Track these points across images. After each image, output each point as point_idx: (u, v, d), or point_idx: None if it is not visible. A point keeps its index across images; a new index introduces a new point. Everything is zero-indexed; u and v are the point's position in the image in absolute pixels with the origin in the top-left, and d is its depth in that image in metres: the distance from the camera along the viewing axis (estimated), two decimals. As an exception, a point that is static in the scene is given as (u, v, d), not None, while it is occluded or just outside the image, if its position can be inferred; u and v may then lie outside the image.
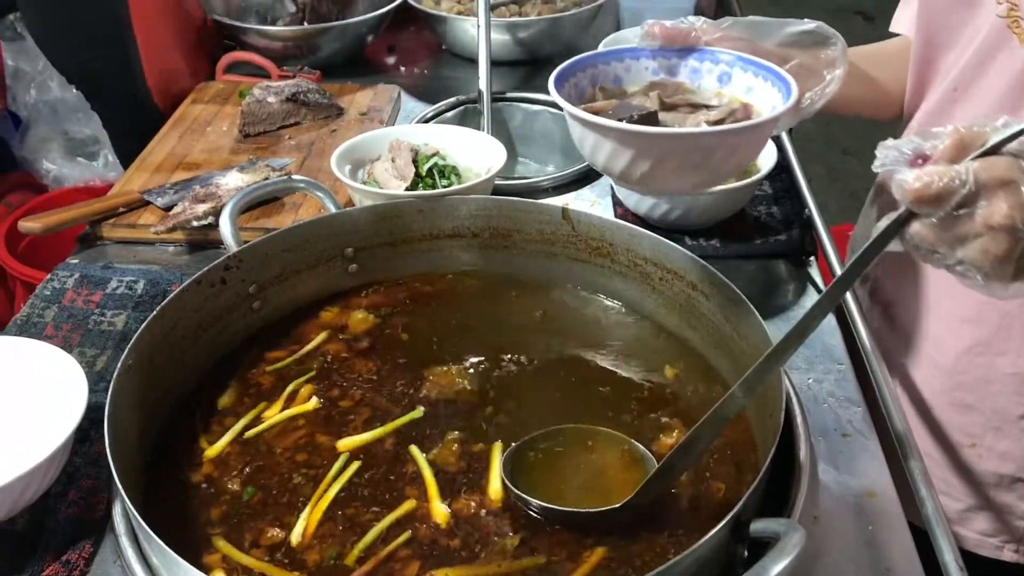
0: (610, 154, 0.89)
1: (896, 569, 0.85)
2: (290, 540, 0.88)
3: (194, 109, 1.70)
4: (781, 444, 0.88)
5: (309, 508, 0.91)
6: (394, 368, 1.10)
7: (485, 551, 0.86)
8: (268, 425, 1.02)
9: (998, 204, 0.65)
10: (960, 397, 1.14)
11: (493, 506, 0.91)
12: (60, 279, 1.26)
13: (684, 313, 1.13)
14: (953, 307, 1.14)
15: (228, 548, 0.88)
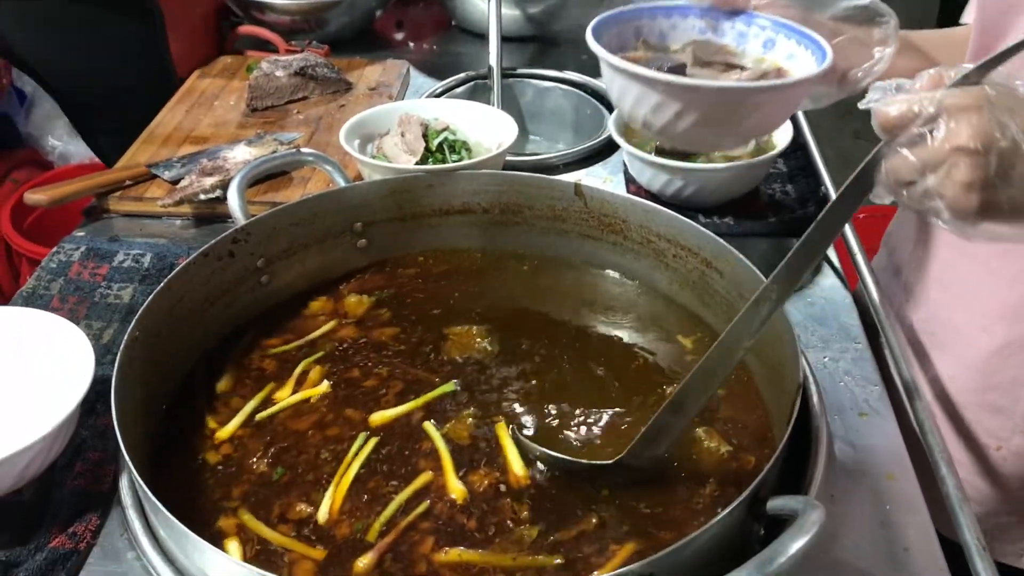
0: (635, 100, 0.92)
1: (914, 549, 0.84)
2: (317, 518, 0.87)
3: (201, 83, 1.68)
4: (797, 422, 0.86)
5: (333, 486, 0.90)
6: (408, 347, 1.09)
7: (500, 537, 0.85)
8: (281, 407, 1.00)
9: (960, 127, 0.65)
10: (992, 399, 1.09)
11: (513, 485, 0.90)
12: (66, 252, 1.25)
13: (697, 290, 1.11)
14: (988, 304, 1.08)
15: (253, 522, 0.87)
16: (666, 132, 0.93)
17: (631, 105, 0.94)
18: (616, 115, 1.37)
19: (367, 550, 0.83)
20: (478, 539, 0.84)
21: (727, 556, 0.80)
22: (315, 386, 1.03)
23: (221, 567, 0.76)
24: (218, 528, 0.87)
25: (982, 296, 1.08)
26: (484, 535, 0.85)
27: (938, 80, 0.68)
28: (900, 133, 0.67)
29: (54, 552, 0.84)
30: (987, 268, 1.06)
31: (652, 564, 0.72)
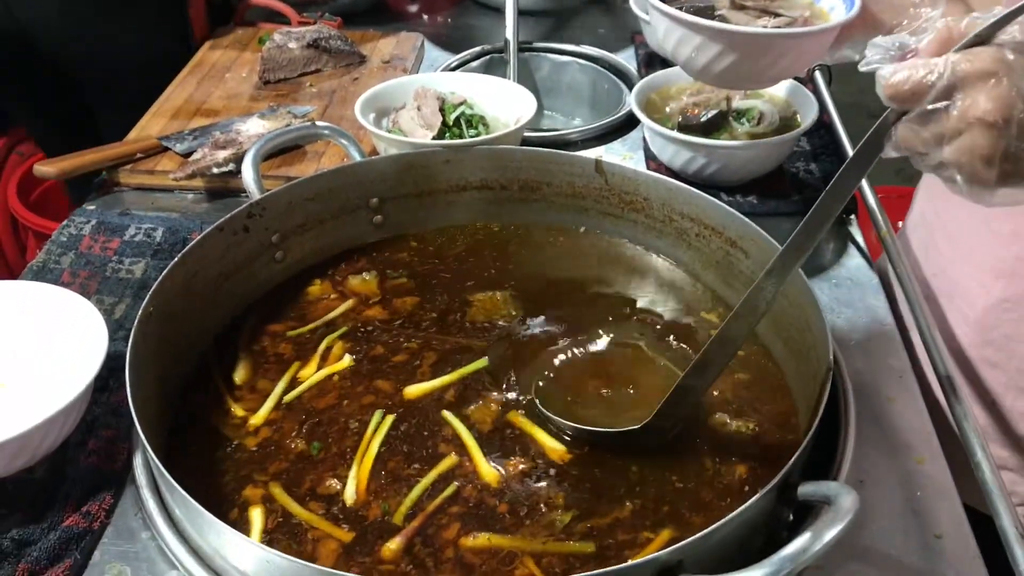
0: (663, 35, 1.01)
1: (947, 536, 0.82)
2: (344, 498, 0.85)
3: (212, 55, 1.65)
4: (825, 407, 0.84)
5: (356, 464, 0.88)
6: (430, 319, 1.07)
7: (531, 520, 0.83)
8: (307, 386, 0.98)
9: (977, 97, 0.60)
10: (987, 354, 1.09)
11: (556, 461, 0.89)
12: (77, 225, 1.23)
13: (721, 270, 1.09)
14: (985, 260, 1.08)
15: (283, 497, 0.86)
16: (705, 71, 0.99)
17: (673, 46, 1.02)
18: (637, 90, 1.34)
19: (394, 533, 0.82)
20: (508, 523, 0.83)
21: (756, 542, 0.79)
22: (338, 361, 1.01)
23: (238, 547, 0.75)
24: (244, 497, 0.86)
25: (981, 252, 1.07)
26: (515, 518, 0.83)
27: (947, 38, 0.63)
28: (912, 106, 0.63)
29: (68, 531, 0.82)
30: (987, 226, 1.05)
31: (681, 550, 0.70)
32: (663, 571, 0.70)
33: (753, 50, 1.08)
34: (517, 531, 0.82)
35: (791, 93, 1.33)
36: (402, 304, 1.10)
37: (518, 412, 0.94)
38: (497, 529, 0.82)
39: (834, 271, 1.16)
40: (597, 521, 0.82)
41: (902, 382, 0.99)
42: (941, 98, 0.62)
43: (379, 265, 1.16)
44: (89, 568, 0.81)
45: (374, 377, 0.99)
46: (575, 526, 0.82)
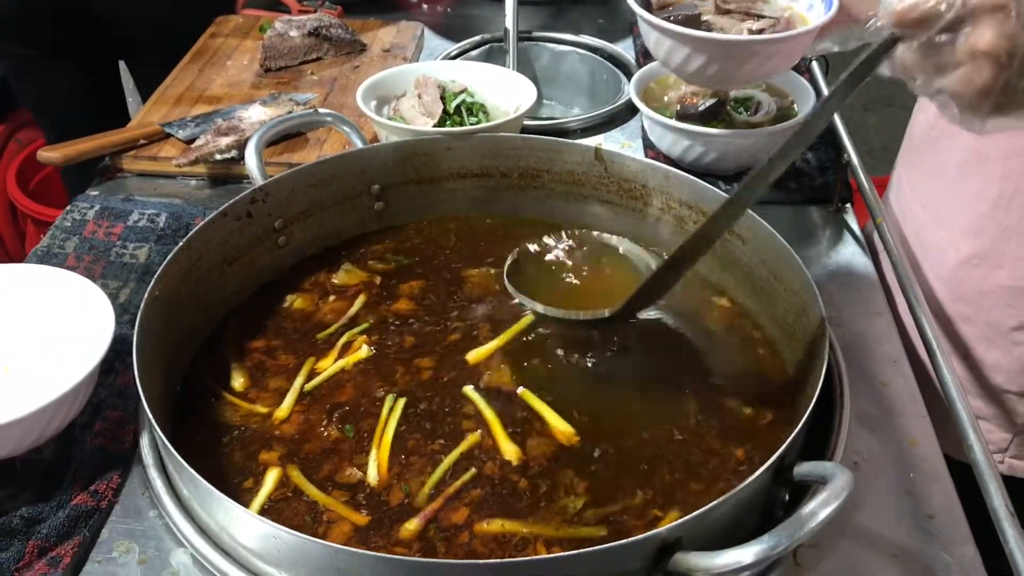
0: (654, 45, 1.15)
1: (939, 516, 0.84)
2: (367, 480, 0.87)
3: (214, 42, 1.66)
4: (820, 390, 0.86)
5: (375, 449, 0.90)
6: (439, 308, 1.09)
7: (547, 503, 0.85)
8: (327, 375, 0.99)
9: (983, 31, 0.61)
10: (958, 309, 1.14)
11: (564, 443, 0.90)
12: (80, 210, 1.24)
13: (719, 257, 1.11)
14: (954, 219, 1.13)
15: (301, 480, 0.87)
16: (696, 75, 1.12)
17: (664, 54, 1.14)
18: (636, 79, 1.35)
19: (413, 515, 0.84)
20: (524, 505, 0.84)
21: (753, 520, 0.81)
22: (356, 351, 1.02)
23: (244, 524, 0.76)
24: (261, 460, 0.88)
25: (951, 214, 1.13)
26: (533, 499, 0.85)
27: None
28: (917, 33, 0.63)
29: (76, 509, 0.84)
30: (953, 188, 1.11)
31: (680, 527, 0.72)
32: (663, 547, 0.72)
33: (738, 55, 1.14)
34: (530, 516, 0.83)
35: (789, 83, 1.35)
36: (409, 289, 1.11)
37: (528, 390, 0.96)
38: (512, 513, 0.83)
39: (830, 258, 1.17)
40: (610, 508, 0.84)
41: (896, 368, 1.01)
42: (948, 29, 0.62)
43: (377, 255, 1.17)
44: (97, 545, 0.83)
45: (396, 361, 1.01)
46: (586, 512, 0.84)
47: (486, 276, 1.13)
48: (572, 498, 0.85)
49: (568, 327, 1.01)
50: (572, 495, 0.85)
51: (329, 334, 1.05)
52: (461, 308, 1.08)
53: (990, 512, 0.75)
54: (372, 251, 1.18)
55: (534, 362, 1.00)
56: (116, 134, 1.34)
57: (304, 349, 1.03)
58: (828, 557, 0.81)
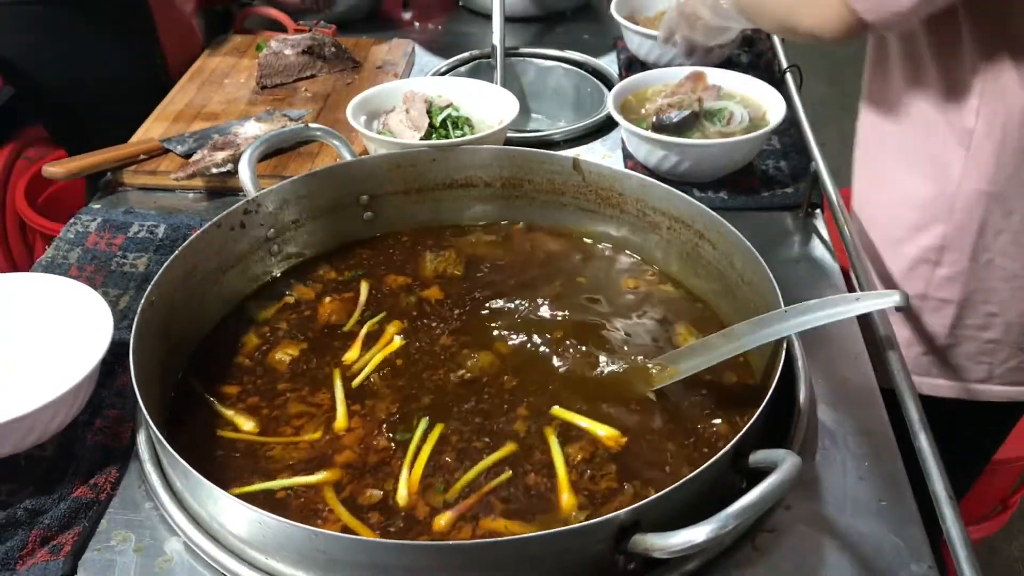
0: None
1: (890, 501, 0.88)
2: (396, 501, 0.90)
3: (211, 61, 1.72)
4: (782, 386, 0.91)
5: (406, 469, 0.92)
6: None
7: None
8: (372, 368, 1.04)
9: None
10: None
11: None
12: (83, 223, 1.29)
13: (691, 261, 1.16)
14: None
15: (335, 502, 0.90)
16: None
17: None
18: (614, 92, 1.41)
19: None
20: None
21: (712, 506, 0.84)
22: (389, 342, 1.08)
23: (233, 512, 0.81)
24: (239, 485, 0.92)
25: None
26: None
27: None
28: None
29: (76, 501, 0.89)
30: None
31: (638, 511, 0.77)
32: (622, 529, 0.76)
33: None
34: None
35: (762, 94, 1.40)
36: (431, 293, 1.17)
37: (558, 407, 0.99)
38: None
39: (798, 262, 1.22)
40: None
41: (856, 362, 1.05)
42: None
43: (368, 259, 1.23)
44: (96, 535, 0.88)
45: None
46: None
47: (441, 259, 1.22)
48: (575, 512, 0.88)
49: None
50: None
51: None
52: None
53: (932, 498, 0.79)
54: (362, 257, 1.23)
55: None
56: (117, 150, 1.40)
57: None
58: (785, 542, 0.86)
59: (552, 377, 1.03)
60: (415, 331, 1.10)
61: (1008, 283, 1.16)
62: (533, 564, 0.77)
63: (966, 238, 1.15)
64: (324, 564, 0.78)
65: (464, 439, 0.95)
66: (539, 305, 1.14)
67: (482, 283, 1.19)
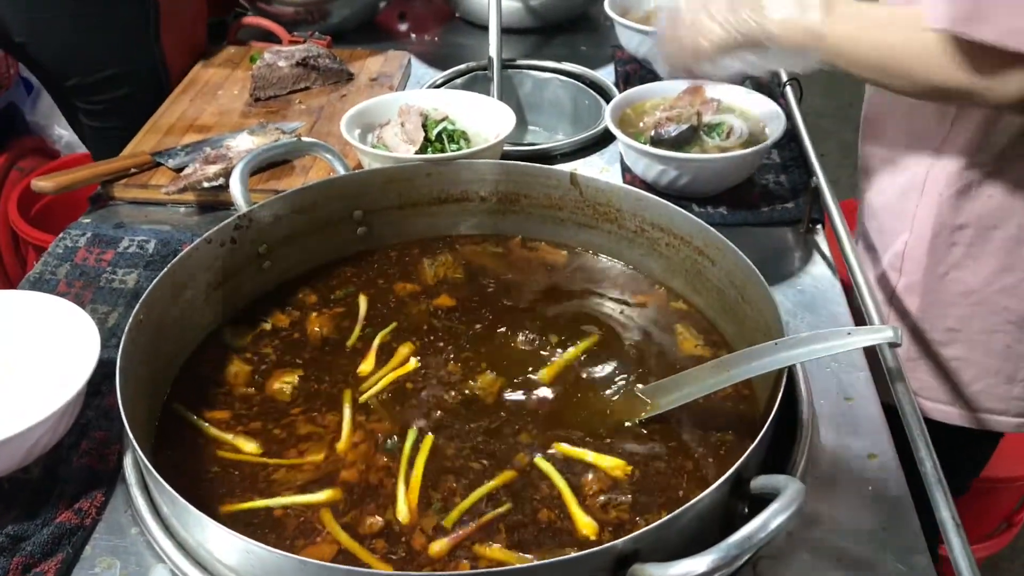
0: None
1: (895, 527, 0.86)
2: (397, 522, 0.88)
3: (205, 73, 1.70)
4: (785, 409, 0.89)
5: (402, 485, 0.91)
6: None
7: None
8: (383, 385, 1.03)
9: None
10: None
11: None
12: (72, 238, 1.27)
13: (690, 278, 1.14)
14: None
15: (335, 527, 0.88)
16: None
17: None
18: (612, 106, 1.39)
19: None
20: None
21: (713, 534, 0.82)
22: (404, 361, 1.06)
23: (221, 540, 0.79)
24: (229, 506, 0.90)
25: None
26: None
27: None
28: None
29: (60, 527, 0.86)
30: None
31: (636, 540, 0.75)
32: (620, 558, 0.74)
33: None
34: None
35: (761, 108, 1.38)
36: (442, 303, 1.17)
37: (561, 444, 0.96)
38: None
39: (799, 278, 1.20)
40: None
41: (859, 383, 1.03)
42: None
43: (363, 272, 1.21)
44: (80, 562, 0.85)
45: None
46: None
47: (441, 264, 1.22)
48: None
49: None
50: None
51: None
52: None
53: (939, 523, 0.77)
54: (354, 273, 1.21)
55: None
56: (108, 163, 1.38)
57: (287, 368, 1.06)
58: (787, 569, 0.84)
59: (547, 404, 1.01)
60: (425, 349, 1.08)
61: (966, 299, 1.14)
62: (529, 594, 0.75)
63: (922, 247, 1.13)
64: (314, 594, 0.76)
65: (463, 457, 0.94)
66: (536, 321, 1.12)
67: (485, 297, 1.17)
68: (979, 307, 1.15)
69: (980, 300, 1.14)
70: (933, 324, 1.17)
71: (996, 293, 1.14)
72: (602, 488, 0.90)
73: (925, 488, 0.81)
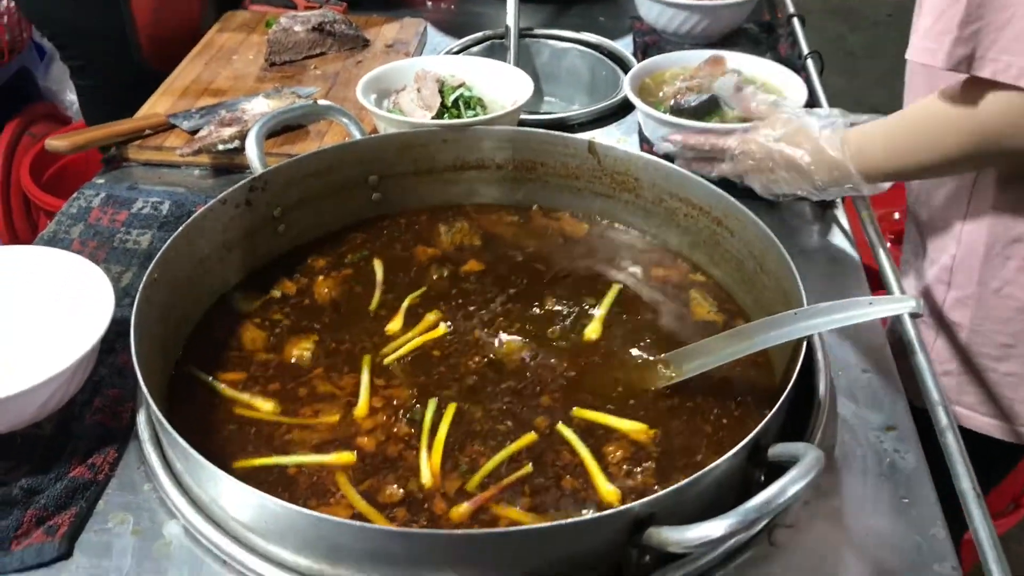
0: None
1: (912, 499, 0.86)
2: (420, 487, 0.88)
3: (220, 37, 1.69)
4: (803, 380, 0.88)
5: (424, 451, 0.90)
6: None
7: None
8: (408, 350, 1.02)
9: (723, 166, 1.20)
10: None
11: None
12: (86, 198, 1.27)
13: (708, 249, 1.13)
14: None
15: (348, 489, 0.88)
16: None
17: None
18: (632, 74, 1.38)
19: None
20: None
21: (731, 499, 0.82)
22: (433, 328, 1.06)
23: (234, 495, 0.79)
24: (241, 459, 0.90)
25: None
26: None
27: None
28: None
29: (74, 481, 0.86)
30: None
31: (652, 504, 0.74)
32: (637, 521, 0.74)
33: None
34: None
35: (783, 79, 1.37)
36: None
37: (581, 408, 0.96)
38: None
39: (819, 251, 1.19)
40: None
41: (877, 354, 1.02)
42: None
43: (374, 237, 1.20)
44: (93, 516, 0.85)
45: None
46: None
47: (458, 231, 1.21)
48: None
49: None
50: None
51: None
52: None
53: (959, 494, 0.77)
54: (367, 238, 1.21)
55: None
56: (123, 124, 1.38)
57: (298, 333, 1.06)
58: (803, 539, 0.83)
59: (569, 369, 1.01)
60: (453, 313, 1.08)
61: (1022, 314, 1.09)
62: (544, 555, 0.75)
63: (973, 261, 1.11)
64: (327, 551, 0.76)
65: (490, 419, 0.93)
66: (555, 290, 1.11)
67: (508, 264, 1.16)
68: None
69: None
70: (986, 339, 1.12)
71: None
72: (625, 456, 0.89)
73: (941, 461, 0.80)
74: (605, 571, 0.77)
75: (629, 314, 1.08)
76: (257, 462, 0.89)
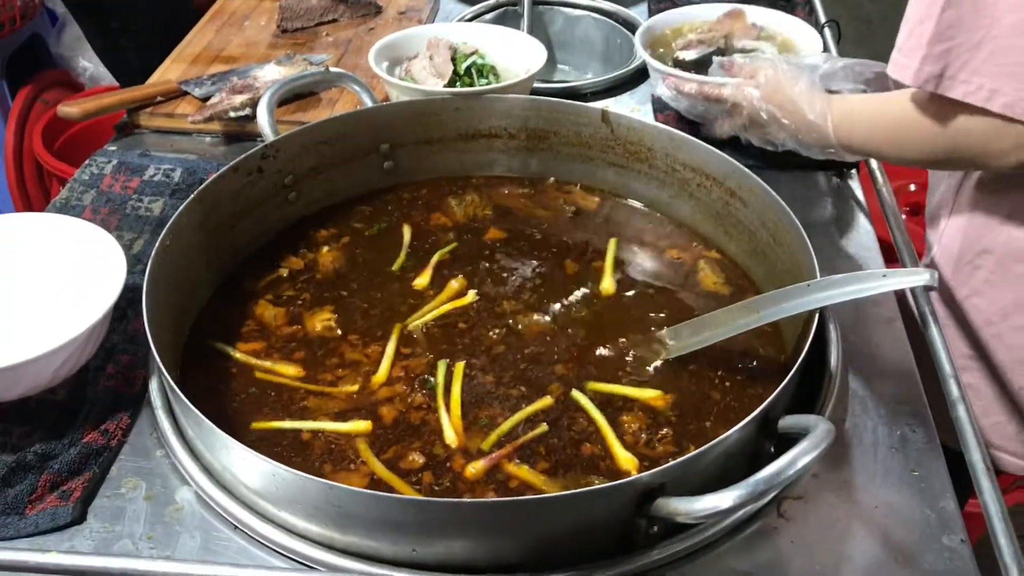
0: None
1: (922, 471, 0.86)
2: (445, 447, 0.89)
3: (231, 3, 1.68)
4: (814, 354, 0.88)
5: (442, 411, 0.91)
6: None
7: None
8: (434, 316, 1.03)
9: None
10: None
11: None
12: (98, 164, 1.27)
13: (721, 220, 1.12)
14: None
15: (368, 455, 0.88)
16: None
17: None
18: (645, 26, 1.36)
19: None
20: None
21: (740, 470, 0.82)
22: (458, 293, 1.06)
23: (246, 463, 0.79)
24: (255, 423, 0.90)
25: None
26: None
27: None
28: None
29: (87, 447, 0.87)
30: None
31: (662, 474, 0.74)
32: (646, 492, 0.74)
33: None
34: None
35: (804, 39, 1.35)
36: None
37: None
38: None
39: (833, 223, 1.18)
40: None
41: (890, 328, 1.02)
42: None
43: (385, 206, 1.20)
44: (107, 482, 0.86)
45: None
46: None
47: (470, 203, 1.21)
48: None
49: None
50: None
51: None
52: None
53: (968, 468, 0.76)
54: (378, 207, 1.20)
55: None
56: (134, 91, 1.37)
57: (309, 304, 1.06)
58: (812, 511, 0.83)
59: (584, 338, 1.01)
60: (481, 278, 1.09)
61: (986, 328, 1.08)
62: (552, 524, 0.75)
63: (946, 266, 1.09)
64: (337, 519, 0.76)
65: (504, 384, 0.94)
66: (566, 265, 1.11)
67: (521, 235, 1.16)
68: (996, 340, 1.08)
69: (997, 333, 1.08)
70: (952, 346, 1.10)
71: (1013, 330, 1.07)
72: (641, 425, 0.90)
73: (953, 435, 0.80)
74: (614, 541, 0.77)
75: (641, 288, 1.08)
76: (273, 425, 0.90)
